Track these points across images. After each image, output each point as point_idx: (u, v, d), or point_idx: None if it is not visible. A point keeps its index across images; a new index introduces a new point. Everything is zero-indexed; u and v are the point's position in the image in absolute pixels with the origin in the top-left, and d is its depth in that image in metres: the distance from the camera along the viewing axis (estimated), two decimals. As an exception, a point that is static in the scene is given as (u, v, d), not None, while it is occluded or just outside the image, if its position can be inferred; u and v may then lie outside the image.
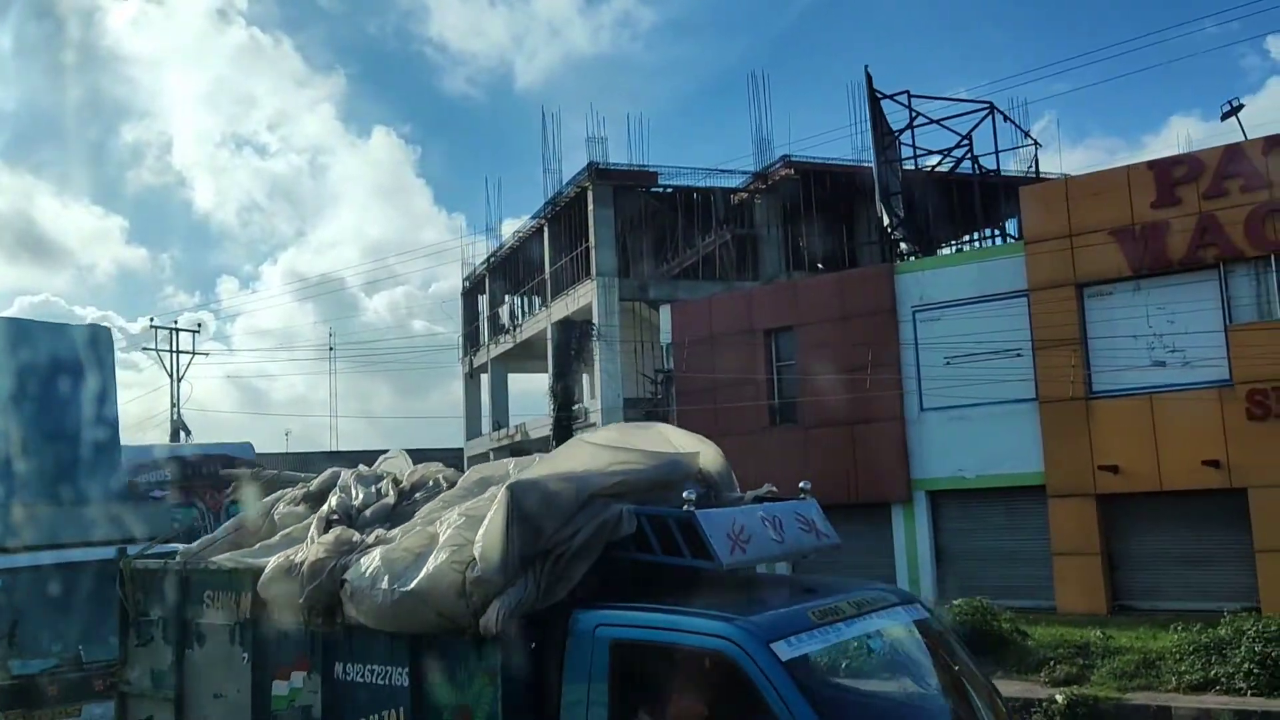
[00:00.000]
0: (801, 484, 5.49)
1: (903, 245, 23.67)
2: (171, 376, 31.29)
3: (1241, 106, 18.82)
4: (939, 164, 24.71)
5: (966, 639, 13.00)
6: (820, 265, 30.68)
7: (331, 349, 69.89)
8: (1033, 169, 25.58)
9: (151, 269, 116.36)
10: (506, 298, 38.88)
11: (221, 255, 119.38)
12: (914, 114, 23.03)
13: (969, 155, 23.60)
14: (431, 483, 5.68)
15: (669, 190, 31.63)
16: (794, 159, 30.58)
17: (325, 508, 5.55)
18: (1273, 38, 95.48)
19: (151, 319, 33.04)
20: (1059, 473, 18.86)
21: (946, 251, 29.59)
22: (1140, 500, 18.23)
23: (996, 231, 28.89)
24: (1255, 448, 17.09)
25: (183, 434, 30.71)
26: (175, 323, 32.72)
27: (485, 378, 39.99)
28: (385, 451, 6.81)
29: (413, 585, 4.56)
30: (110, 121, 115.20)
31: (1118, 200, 18.60)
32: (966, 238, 30.26)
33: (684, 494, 4.55)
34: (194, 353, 32.14)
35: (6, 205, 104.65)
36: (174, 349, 31.55)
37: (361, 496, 5.62)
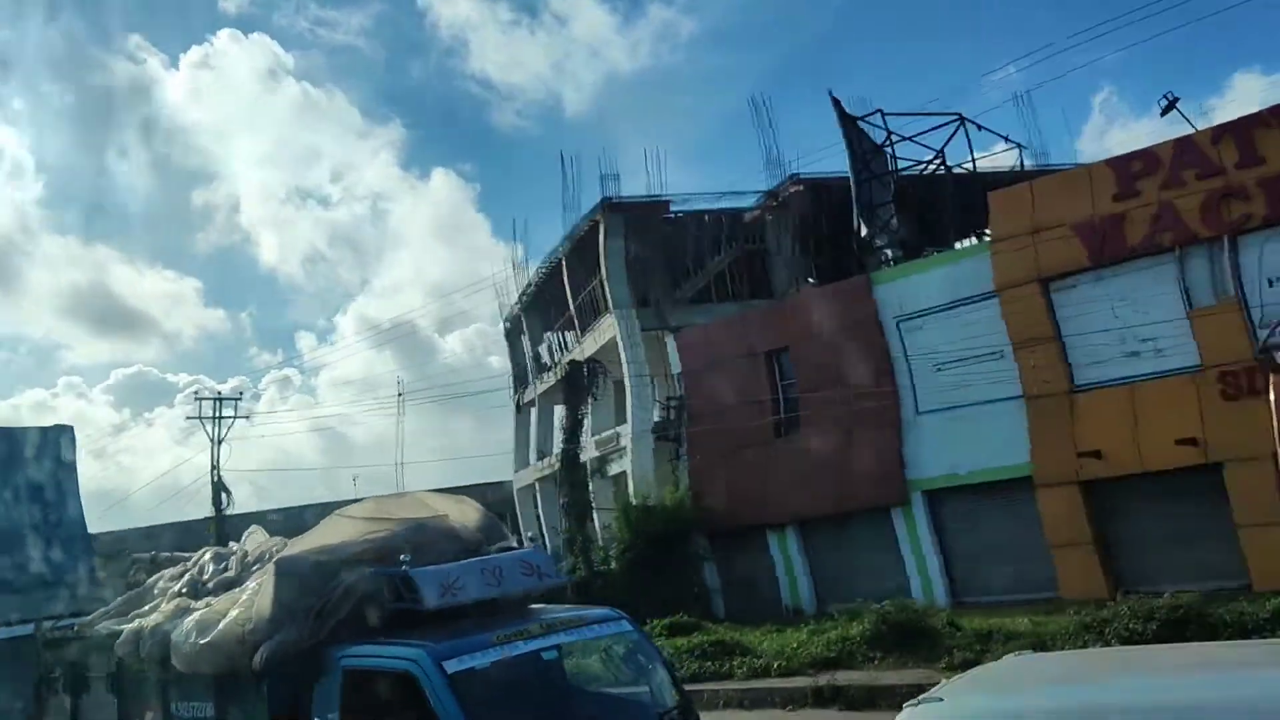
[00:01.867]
0: (528, 534, 6.79)
1: (888, 253, 24.43)
2: (213, 441, 33.53)
3: (1178, 100, 19.30)
4: (927, 170, 25.38)
5: (898, 634, 13.93)
6: (811, 280, 31.31)
7: (400, 394, 72.26)
8: (1019, 168, 26.00)
9: (232, 329, 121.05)
10: (545, 334, 40.34)
11: (297, 310, 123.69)
12: (889, 132, 23.88)
13: (942, 165, 24.30)
14: (268, 555, 6.99)
15: (680, 216, 32.70)
16: (802, 176, 31.38)
17: (177, 583, 7.03)
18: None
19: (195, 392, 35.77)
20: (1044, 462, 19.39)
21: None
22: (1125, 484, 18.66)
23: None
24: (1232, 428, 17.46)
25: (223, 495, 32.95)
26: (219, 393, 35.17)
27: (534, 412, 41.45)
28: (454, 489, 8.28)
29: (209, 638, 6.07)
30: (178, 189, 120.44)
31: (1081, 197, 19.20)
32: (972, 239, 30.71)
33: (400, 557, 5.84)
34: (235, 417, 34.50)
35: (86, 279, 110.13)
36: (216, 415, 33.82)
37: (210, 570, 7.05)
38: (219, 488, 33.19)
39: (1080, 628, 12.22)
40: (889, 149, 24.77)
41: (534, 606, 6.57)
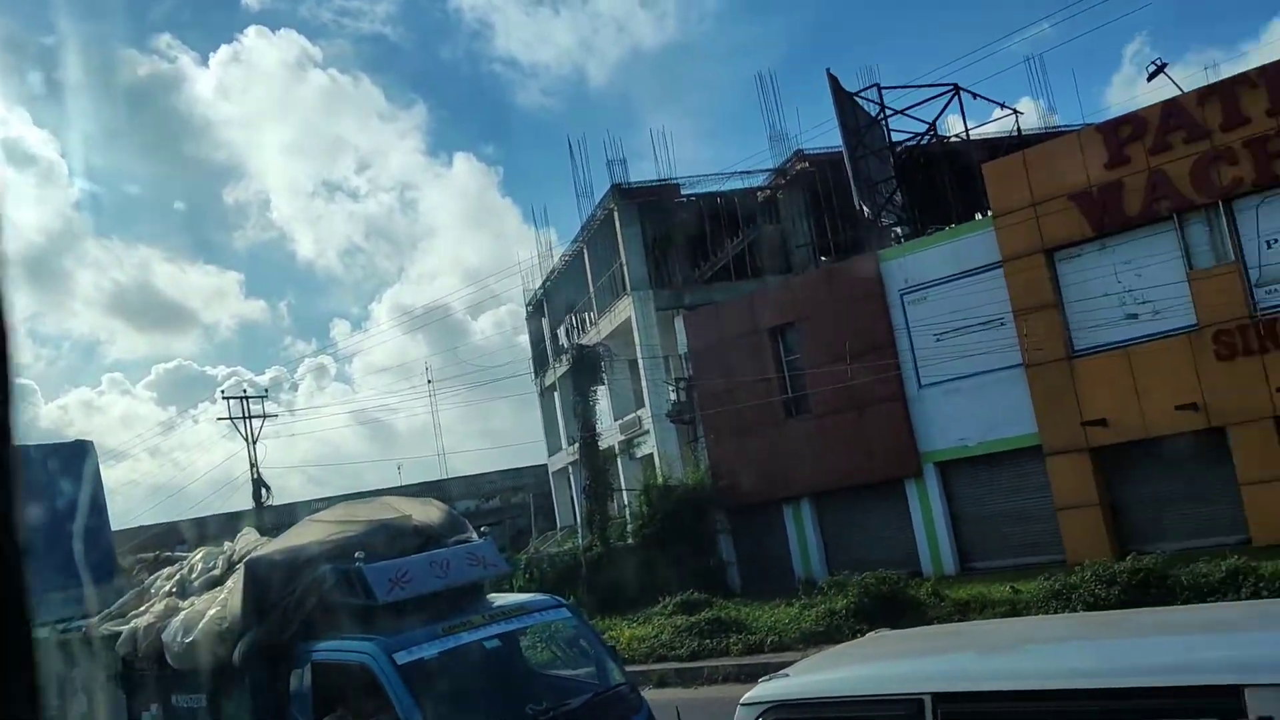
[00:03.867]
0: (482, 528, 7.22)
1: (896, 230, 24.64)
2: (247, 440, 34.44)
3: (1165, 65, 19.33)
4: (920, 143, 25.49)
5: (881, 605, 14.36)
6: (824, 258, 31.56)
7: (429, 381, 73.23)
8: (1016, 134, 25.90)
9: (271, 319, 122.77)
10: (566, 317, 40.93)
11: (331, 300, 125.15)
12: (883, 106, 24.01)
13: (934, 137, 24.44)
14: (250, 553, 7.57)
15: (693, 198, 33.04)
16: (807, 152, 31.60)
17: (168, 583, 7.64)
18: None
19: (222, 391, 36.88)
20: (1052, 432, 19.70)
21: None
22: (1130, 449, 18.95)
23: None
24: (1227, 387, 17.70)
25: (263, 491, 33.92)
26: (245, 391, 36.06)
27: (557, 396, 42.07)
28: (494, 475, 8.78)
29: (193, 636, 6.60)
30: (213, 184, 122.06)
31: (1073, 165, 19.34)
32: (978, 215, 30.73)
33: (355, 555, 6.36)
34: (265, 416, 35.39)
35: (128, 278, 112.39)
36: (246, 415, 34.75)
37: (199, 570, 7.64)
38: (258, 484, 34.20)
39: (1049, 594, 12.58)
40: (884, 123, 24.93)
41: (488, 596, 7.11)
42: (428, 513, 7.23)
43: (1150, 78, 19.61)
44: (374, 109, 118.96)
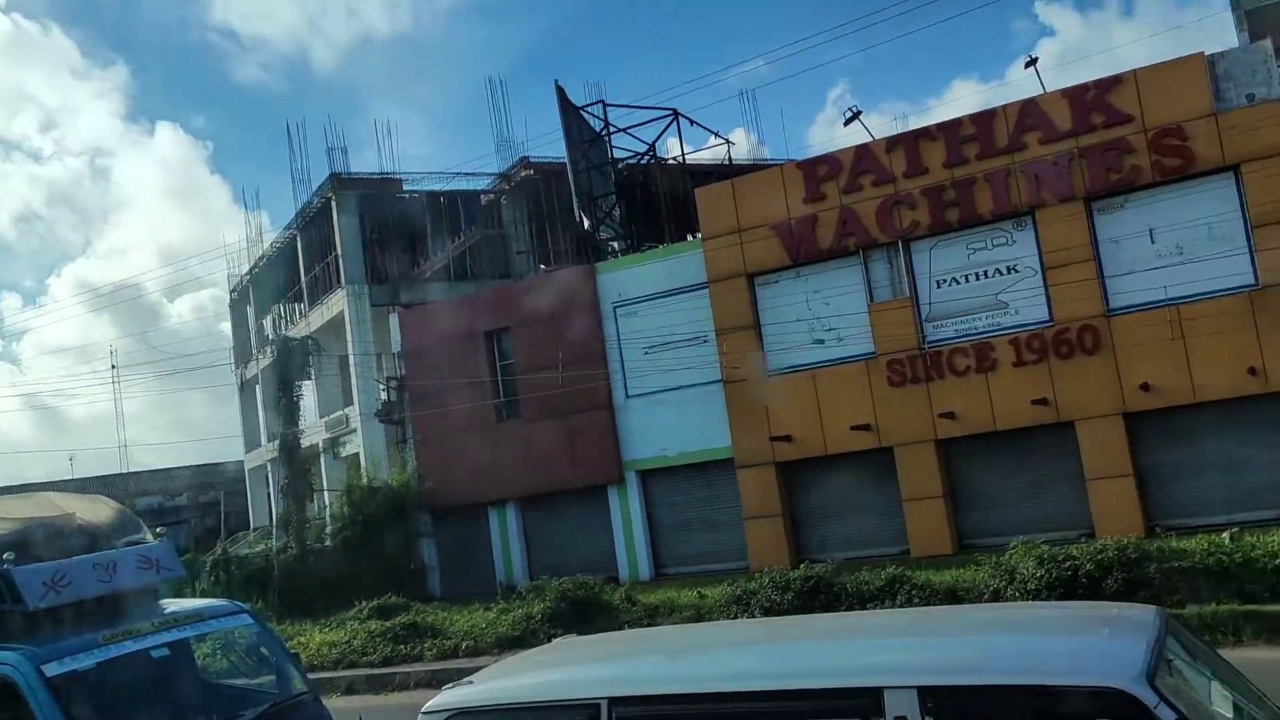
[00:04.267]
0: (159, 529, 6.84)
1: (614, 244, 25.38)
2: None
3: (860, 113, 21.18)
4: (640, 163, 26.51)
5: (577, 610, 14.83)
6: (543, 267, 32.10)
7: (114, 366, 67.67)
8: (728, 161, 27.51)
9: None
10: (273, 307, 39.06)
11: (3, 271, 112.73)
12: (606, 123, 24.75)
13: (653, 158, 25.54)
14: None
15: (416, 194, 32.53)
16: (533, 160, 31.90)
17: None
18: (1040, 3, 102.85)
19: None
20: (743, 446, 20.92)
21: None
22: (810, 464, 20.48)
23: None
24: (897, 411, 19.53)
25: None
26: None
27: (259, 389, 40.03)
28: (182, 470, 7.89)
29: None
30: None
31: (775, 197, 20.68)
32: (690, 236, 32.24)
33: (3, 556, 5.83)
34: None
35: None
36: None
37: None
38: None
39: (731, 599, 13.43)
40: (608, 139, 25.66)
41: (161, 603, 6.66)
42: (95, 510, 6.68)
43: (846, 123, 21.31)
44: (66, 64, 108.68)
